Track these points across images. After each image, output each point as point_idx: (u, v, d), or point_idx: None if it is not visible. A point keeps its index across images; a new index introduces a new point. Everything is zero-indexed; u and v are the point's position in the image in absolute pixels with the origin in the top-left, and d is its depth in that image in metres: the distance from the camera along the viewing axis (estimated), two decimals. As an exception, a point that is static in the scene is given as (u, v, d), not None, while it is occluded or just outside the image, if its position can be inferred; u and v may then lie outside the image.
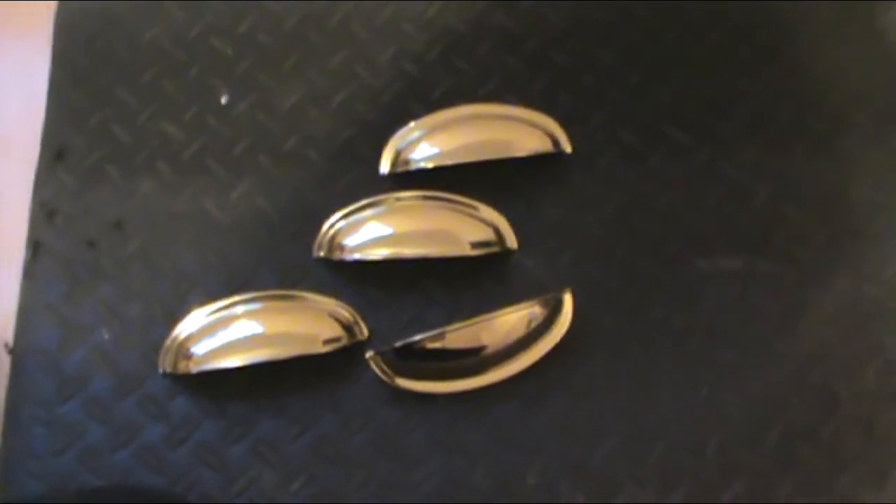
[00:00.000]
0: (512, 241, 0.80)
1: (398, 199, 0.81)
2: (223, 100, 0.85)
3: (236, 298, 0.78)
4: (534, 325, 0.77)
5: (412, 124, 0.83)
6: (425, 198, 0.81)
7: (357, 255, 0.79)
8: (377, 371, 0.75)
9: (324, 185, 0.82)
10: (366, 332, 0.78)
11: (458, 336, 0.76)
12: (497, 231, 0.80)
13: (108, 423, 0.75)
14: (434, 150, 0.83)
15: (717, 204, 0.81)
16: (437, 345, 0.76)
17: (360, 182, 0.82)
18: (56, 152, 0.83)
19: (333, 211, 0.81)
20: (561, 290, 0.77)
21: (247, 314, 0.77)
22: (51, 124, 0.85)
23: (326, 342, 0.77)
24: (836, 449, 0.74)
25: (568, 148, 0.82)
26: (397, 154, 0.83)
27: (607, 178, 0.82)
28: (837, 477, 0.73)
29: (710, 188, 0.81)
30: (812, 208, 0.81)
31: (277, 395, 0.76)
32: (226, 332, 0.77)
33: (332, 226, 0.80)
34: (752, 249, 0.80)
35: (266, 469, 0.74)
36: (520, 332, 0.76)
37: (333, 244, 0.80)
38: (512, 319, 0.77)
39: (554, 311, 0.77)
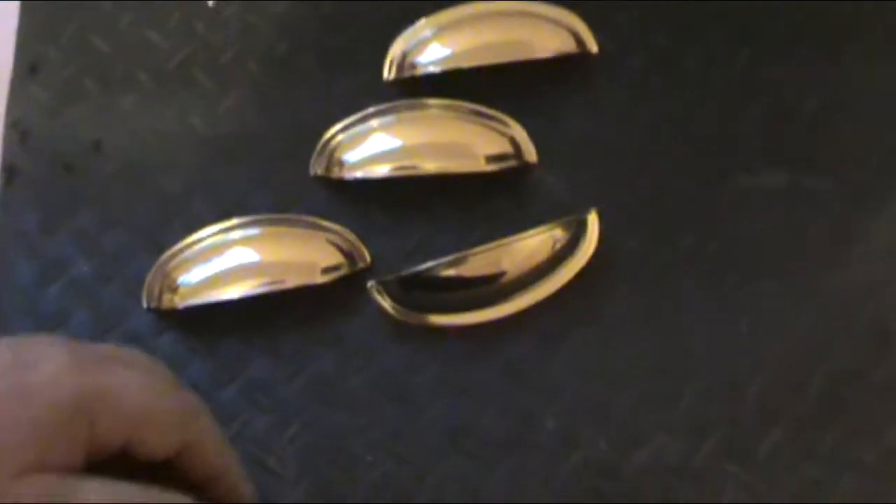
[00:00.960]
0: (531, 155, 0.73)
1: (403, 109, 0.73)
2: (210, 3, 0.77)
3: (226, 224, 0.71)
4: (555, 249, 0.70)
5: (420, 23, 0.75)
6: (434, 106, 0.74)
7: (358, 174, 0.72)
8: (380, 303, 0.69)
9: (321, 94, 0.75)
10: (368, 258, 0.71)
11: (470, 263, 0.69)
12: (515, 143, 0.73)
13: (89, 365, 0.70)
14: (444, 53, 0.75)
15: (760, 114, 0.74)
16: (446, 273, 0.69)
17: (361, 90, 0.75)
18: (29, 66, 0.76)
19: (331, 123, 0.73)
20: (585, 211, 0.70)
21: (238, 241, 0.71)
22: (24, 35, 0.77)
23: (325, 271, 0.70)
24: (888, 394, 0.67)
25: (594, 47, 0.74)
26: (403, 57, 0.75)
27: (637, 85, 0.75)
28: (889, 425, 0.67)
29: (753, 96, 0.74)
30: (868, 121, 0.73)
31: (270, 332, 0.70)
32: (215, 262, 0.70)
33: (330, 140, 0.73)
34: (799, 167, 0.72)
35: (258, 414, 0.68)
36: (539, 258, 0.70)
37: (332, 161, 0.73)
38: (531, 244, 0.70)
39: (577, 234, 0.70)
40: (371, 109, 0.73)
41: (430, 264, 0.69)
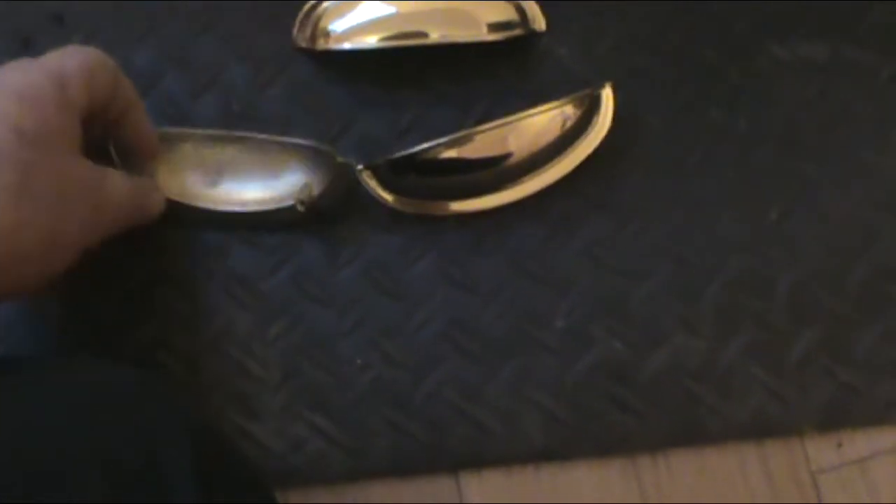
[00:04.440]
0: (539, 22, 0.69)
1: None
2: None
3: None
4: (566, 127, 0.65)
5: None
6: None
7: (347, 45, 0.67)
8: (370, 188, 0.64)
9: (303, -46, 0.70)
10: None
11: (471, 143, 0.64)
12: (521, 9, 0.68)
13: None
14: None
15: (798, -27, 0.69)
16: (445, 154, 0.64)
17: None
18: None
19: (317, -12, 0.69)
20: (599, 84, 0.65)
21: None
22: None
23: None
24: (935, 291, 0.65)
25: None
26: None
27: (657, -62, 0.70)
28: (934, 325, 0.64)
29: (789, -49, 0.70)
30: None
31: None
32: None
33: (314, 7, 0.67)
34: (841, 34, 0.68)
35: (238, 311, 0.63)
36: (548, 137, 0.65)
37: (317, 31, 0.67)
38: (539, 122, 0.65)
39: (590, 109, 0.66)
40: (362, -28, 0.69)
41: (426, 145, 0.63)
